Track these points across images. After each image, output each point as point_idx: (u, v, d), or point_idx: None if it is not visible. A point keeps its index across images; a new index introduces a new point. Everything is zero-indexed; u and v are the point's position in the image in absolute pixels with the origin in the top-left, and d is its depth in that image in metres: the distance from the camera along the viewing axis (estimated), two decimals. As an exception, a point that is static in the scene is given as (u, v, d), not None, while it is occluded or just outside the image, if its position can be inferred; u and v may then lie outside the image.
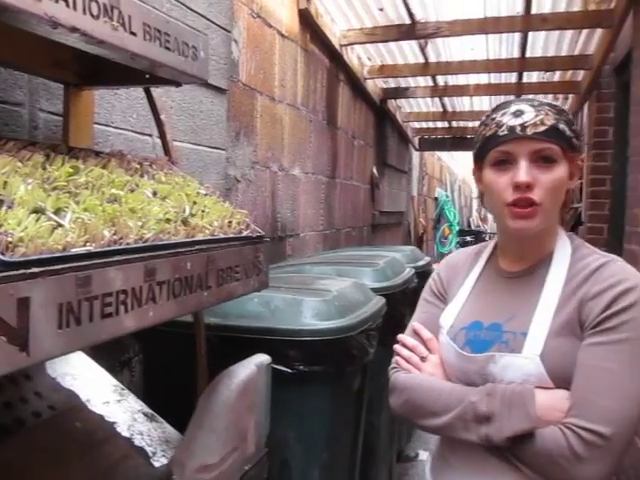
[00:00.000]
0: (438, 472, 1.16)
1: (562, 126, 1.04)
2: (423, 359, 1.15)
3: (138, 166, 1.16)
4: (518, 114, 1.04)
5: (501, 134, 1.05)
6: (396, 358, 1.18)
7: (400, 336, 1.21)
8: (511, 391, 0.98)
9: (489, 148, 1.07)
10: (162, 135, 1.39)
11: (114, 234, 0.83)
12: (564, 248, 1.09)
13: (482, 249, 1.24)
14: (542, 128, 1.02)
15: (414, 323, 1.22)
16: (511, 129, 1.03)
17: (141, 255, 0.84)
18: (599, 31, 3.83)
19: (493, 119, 1.08)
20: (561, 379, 0.98)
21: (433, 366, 1.13)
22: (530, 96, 1.09)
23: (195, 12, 2.07)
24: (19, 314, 0.62)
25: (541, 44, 4.37)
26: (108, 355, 1.74)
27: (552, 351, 0.98)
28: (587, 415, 0.93)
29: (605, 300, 0.98)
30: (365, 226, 5.18)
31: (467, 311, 1.13)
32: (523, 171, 1.02)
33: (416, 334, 1.19)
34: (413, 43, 4.35)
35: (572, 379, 0.97)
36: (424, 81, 5.40)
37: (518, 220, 1.04)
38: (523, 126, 1.03)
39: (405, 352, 1.17)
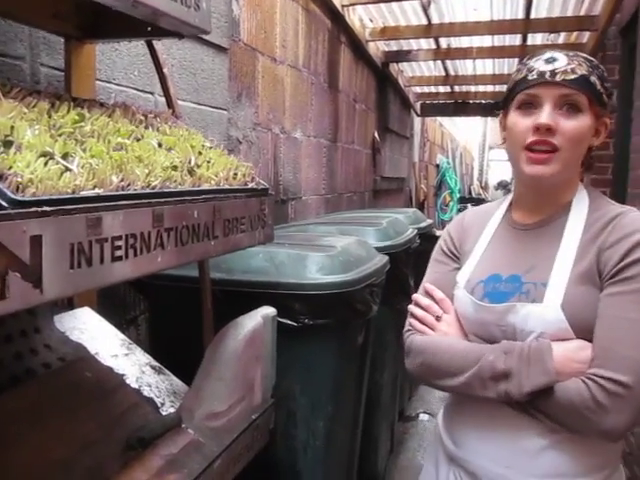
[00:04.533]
0: (451, 422, 1.17)
1: (593, 78, 1.04)
2: (438, 318, 1.15)
3: (143, 118, 1.15)
4: (550, 61, 1.04)
5: (530, 78, 1.05)
6: (410, 320, 1.19)
7: (414, 296, 1.21)
8: (528, 347, 0.99)
9: (517, 91, 1.08)
10: (165, 89, 1.38)
11: (122, 180, 0.83)
12: (582, 199, 1.09)
13: (496, 206, 1.24)
14: (572, 76, 1.02)
15: (426, 284, 1.22)
16: (541, 74, 1.04)
17: (149, 201, 0.84)
18: (605, -10, 3.76)
19: (526, 65, 1.08)
20: (582, 328, 0.98)
21: (447, 325, 1.14)
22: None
23: (195, -33, 2.03)
24: (32, 252, 0.63)
25: (546, 4, 4.30)
26: (114, 313, 1.76)
27: (573, 300, 0.99)
28: (609, 365, 0.93)
29: (622, 249, 0.98)
30: (367, 191, 5.17)
31: (484, 265, 1.14)
32: (546, 114, 1.02)
33: (428, 294, 1.19)
34: (415, 3, 4.27)
35: (592, 329, 0.97)
36: (426, 44, 5.32)
37: (534, 165, 1.05)
38: (553, 72, 1.03)
39: (419, 312, 1.17)
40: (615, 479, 1.06)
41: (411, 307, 1.20)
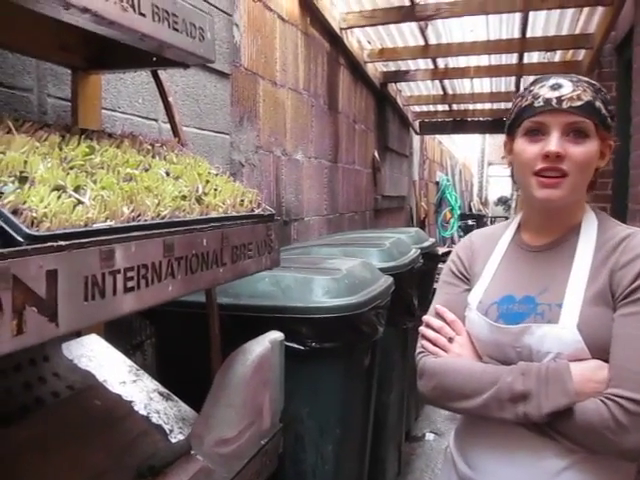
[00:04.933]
0: (464, 444, 1.16)
1: (598, 104, 1.05)
2: (450, 340, 1.15)
3: (150, 147, 1.17)
4: (556, 87, 1.06)
5: (537, 105, 1.07)
6: (422, 342, 1.18)
7: (425, 317, 1.21)
8: (546, 368, 0.99)
9: (524, 118, 1.09)
10: (171, 117, 1.40)
11: (132, 211, 0.85)
12: (590, 221, 1.11)
13: (503, 227, 1.25)
14: (578, 103, 1.04)
15: (436, 305, 1.22)
16: (547, 101, 1.05)
17: (159, 231, 0.85)
18: (600, 9, 3.81)
19: (530, 91, 1.10)
20: (598, 348, 0.99)
21: (460, 346, 1.14)
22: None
23: (197, -4, 2.07)
24: (48, 286, 0.64)
25: (542, 24, 4.35)
26: (120, 339, 1.76)
27: (588, 320, 1.00)
28: (627, 385, 0.94)
29: (634, 270, 1.00)
30: (367, 210, 5.19)
31: (496, 286, 1.14)
32: (555, 141, 1.04)
33: (439, 316, 1.19)
34: (413, 25, 4.32)
35: (608, 348, 0.98)
36: (424, 64, 5.37)
37: (544, 189, 1.06)
38: (559, 99, 1.04)
39: (431, 334, 1.17)
40: None
41: (422, 329, 1.20)
